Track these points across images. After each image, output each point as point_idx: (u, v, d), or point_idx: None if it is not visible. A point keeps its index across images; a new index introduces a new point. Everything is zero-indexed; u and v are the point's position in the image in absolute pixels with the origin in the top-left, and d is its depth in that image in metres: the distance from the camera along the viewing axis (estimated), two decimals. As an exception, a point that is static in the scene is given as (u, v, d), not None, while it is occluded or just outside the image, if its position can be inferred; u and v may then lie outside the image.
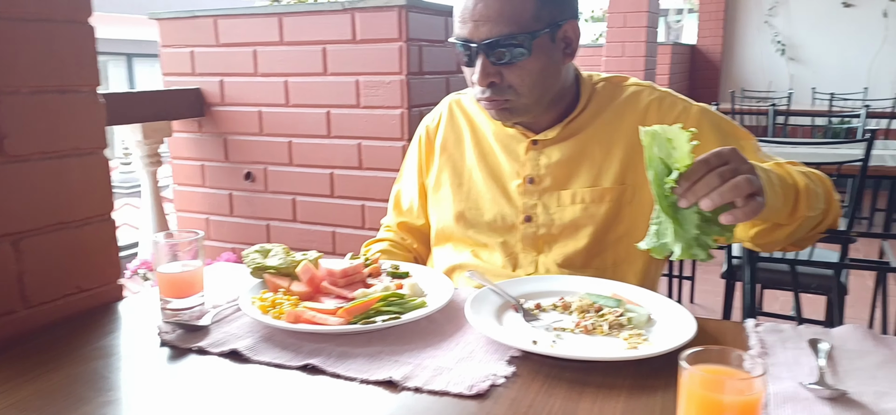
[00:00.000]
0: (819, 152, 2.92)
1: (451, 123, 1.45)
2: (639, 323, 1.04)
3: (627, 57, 4.93)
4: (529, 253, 1.33)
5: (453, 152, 1.43)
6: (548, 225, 1.31)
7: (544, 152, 1.32)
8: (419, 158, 1.50)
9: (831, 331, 1.02)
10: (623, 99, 1.32)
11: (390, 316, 1.02)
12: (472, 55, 1.21)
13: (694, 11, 8.45)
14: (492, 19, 1.17)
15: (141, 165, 2.82)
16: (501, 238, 1.34)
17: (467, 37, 1.20)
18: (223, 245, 2.91)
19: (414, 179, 1.52)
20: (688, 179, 0.91)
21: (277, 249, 1.19)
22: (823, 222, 1.21)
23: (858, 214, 5.52)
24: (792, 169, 1.16)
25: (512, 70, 1.20)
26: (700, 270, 4.24)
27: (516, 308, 1.09)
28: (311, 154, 2.65)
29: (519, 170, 1.33)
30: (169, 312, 1.13)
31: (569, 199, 1.30)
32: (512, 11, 1.17)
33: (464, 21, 1.20)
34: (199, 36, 2.76)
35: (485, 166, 1.38)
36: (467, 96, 1.46)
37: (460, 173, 1.41)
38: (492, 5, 1.17)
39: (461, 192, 1.40)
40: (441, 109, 1.49)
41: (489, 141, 1.39)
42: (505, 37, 1.17)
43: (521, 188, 1.33)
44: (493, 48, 1.18)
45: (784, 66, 7.82)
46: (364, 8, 2.44)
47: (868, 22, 7.35)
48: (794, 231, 1.15)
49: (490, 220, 1.35)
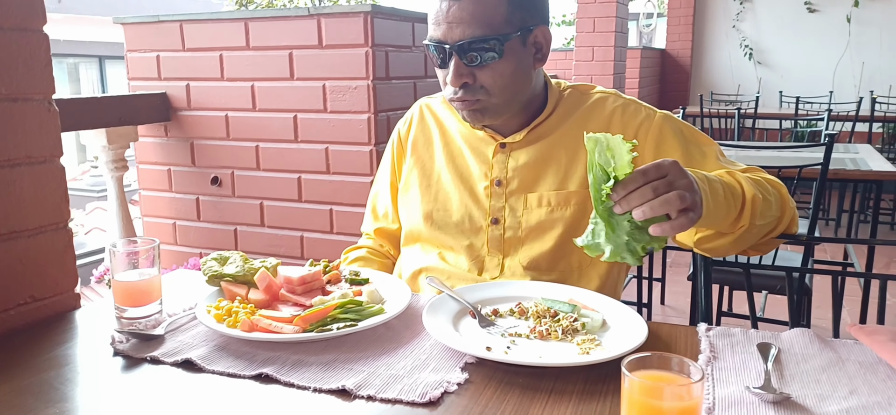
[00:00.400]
0: (781, 156, 2.97)
1: (421, 126, 1.47)
2: (593, 328, 1.05)
3: (597, 61, 4.97)
4: (495, 256, 1.34)
5: (423, 154, 1.45)
6: (514, 227, 1.33)
7: (512, 155, 1.34)
8: (392, 163, 1.52)
9: (780, 335, 1.04)
10: (588, 105, 1.35)
11: (346, 324, 1.02)
12: (445, 56, 1.24)
13: (664, 15, 8.55)
14: (465, 22, 1.20)
15: (106, 171, 2.78)
16: (468, 240, 1.36)
17: (441, 38, 1.23)
18: (190, 250, 2.88)
19: (388, 184, 1.54)
20: (624, 187, 0.94)
21: (235, 257, 1.18)
22: (777, 229, 1.24)
23: (825, 216, 5.65)
24: (743, 178, 1.18)
25: (484, 71, 1.23)
26: (670, 271, 4.29)
27: (473, 314, 1.10)
28: (279, 159, 2.64)
29: (487, 172, 1.35)
30: (125, 321, 1.13)
31: (535, 201, 1.32)
32: (484, 14, 1.20)
33: (437, 23, 1.23)
34: (165, 40, 2.73)
35: (453, 168, 1.39)
36: (437, 100, 1.49)
37: (429, 174, 1.43)
38: (465, 8, 1.20)
39: (429, 193, 1.41)
40: (412, 112, 1.52)
41: (458, 143, 1.41)
42: (477, 39, 1.20)
43: (489, 190, 1.35)
44: (465, 50, 1.21)
45: (752, 70, 7.95)
46: (330, 14, 2.44)
47: (832, 27, 7.51)
48: (739, 239, 1.17)
49: (457, 221, 1.37)
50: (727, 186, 1.12)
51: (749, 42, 7.90)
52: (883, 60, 7.37)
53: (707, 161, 1.28)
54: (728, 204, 1.11)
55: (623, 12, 5.07)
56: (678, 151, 1.28)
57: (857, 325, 1.00)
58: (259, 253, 2.73)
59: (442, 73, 1.28)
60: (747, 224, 1.14)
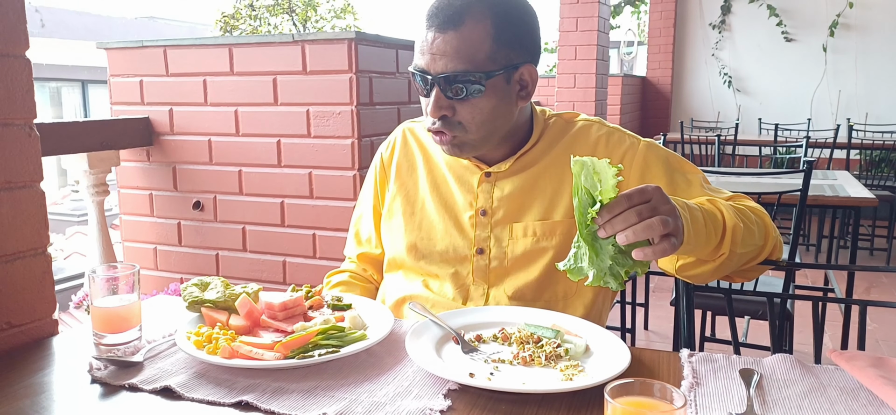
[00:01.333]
0: (761, 182, 3.01)
1: (404, 151, 1.47)
2: (576, 354, 1.05)
3: (579, 88, 5.02)
4: (480, 285, 1.34)
5: (406, 180, 1.44)
6: (500, 258, 1.32)
7: (497, 185, 1.34)
8: (375, 187, 1.51)
9: (762, 361, 1.05)
10: (573, 133, 1.35)
11: (328, 350, 1.01)
12: (427, 86, 1.24)
13: (644, 44, 8.67)
14: (448, 55, 1.20)
15: (87, 195, 2.75)
16: (452, 269, 1.35)
17: (425, 68, 1.23)
18: (171, 275, 2.85)
19: (371, 208, 1.52)
20: (609, 211, 0.95)
21: (216, 283, 1.17)
22: (759, 256, 1.25)
23: (806, 241, 5.72)
24: (725, 206, 1.19)
25: (464, 106, 1.23)
26: (654, 296, 4.31)
27: (457, 340, 1.10)
28: (262, 183, 2.63)
29: (472, 201, 1.35)
30: (103, 347, 1.11)
31: (521, 231, 1.31)
32: (468, 50, 1.20)
33: (423, 52, 1.23)
34: (149, 66, 2.73)
35: (437, 196, 1.39)
36: (421, 125, 1.48)
37: (413, 202, 1.42)
38: (450, 42, 1.20)
39: (413, 221, 1.40)
40: (395, 135, 1.50)
41: (442, 171, 1.40)
42: (459, 73, 1.20)
43: (474, 220, 1.34)
44: (447, 82, 1.21)
45: (732, 98, 8.07)
46: (314, 40, 2.45)
47: (809, 56, 7.65)
48: (720, 267, 1.18)
49: (442, 250, 1.36)
50: (708, 214, 1.13)
51: (728, 70, 8.03)
52: (859, 88, 7.52)
53: (691, 189, 1.29)
54: (708, 232, 1.12)
55: (604, 41, 5.13)
56: (663, 178, 1.29)
57: (837, 350, 1.01)
58: (241, 278, 2.71)
59: (424, 102, 1.28)
60: (728, 253, 1.15)
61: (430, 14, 1.23)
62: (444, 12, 1.21)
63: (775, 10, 7.68)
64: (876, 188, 5.42)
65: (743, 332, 3.51)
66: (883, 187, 5.46)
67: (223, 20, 10.40)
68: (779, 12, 7.68)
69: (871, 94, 7.48)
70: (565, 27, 5.03)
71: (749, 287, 2.48)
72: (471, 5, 1.21)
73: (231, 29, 10.35)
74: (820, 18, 7.55)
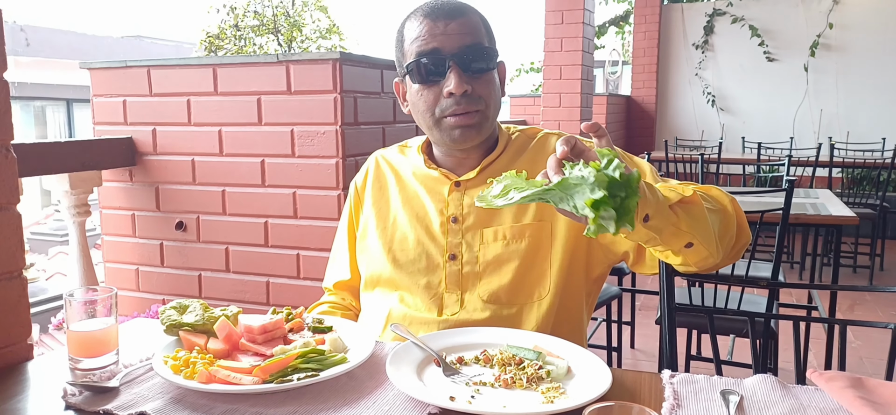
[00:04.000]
0: (743, 201, 3.03)
1: (376, 175, 1.51)
2: (558, 376, 1.05)
3: (564, 107, 5.05)
4: (454, 292, 1.35)
5: (379, 200, 1.48)
6: (472, 262, 1.35)
7: (467, 193, 1.38)
8: (350, 215, 1.55)
9: (743, 381, 1.05)
10: (535, 146, 1.42)
11: (308, 374, 1.00)
12: (442, 68, 1.28)
13: (628, 63, 8.75)
14: (464, 33, 1.28)
15: (68, 215, 2.73)
16: (425, 279, 1.37)
17: (437, 48, 1.28)
18: (153, 297, 2.82)
19: (346, 237, 1.55)
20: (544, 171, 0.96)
21: (195, 305, 1.16)
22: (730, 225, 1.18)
23: (790, 259, 5.76)
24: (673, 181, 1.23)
25: (480, 81, 1.30)
26: (640, 314, 4.32)
27: (438, 363, 1.09)
28: (246, 203, 2.62)
29: (442, 209, 1.38)
30: (79, 372, 1.09)
31: (491, 236, 1.35)
32: (475, 29, 1.30)
33: (430, 37, 1.28)
34: (132, 86, 2.71)
35: (409, 208, 1.42)
36: (391, 150, 1.54)
37: (385, 218, 1.45)
38: (463, 23, 1.28)
39: (386, 234, 1.43)
40: (368, 165, 1.55)
41: (413, 186, 1.44)
42: (478, 46, 1.29)
43: (445, 227, 1.37)
44: (467, 57, 1.28)
45: (715, 117, 8.15)
46: (299, 60, 2.45)
47: (790, 75, 7.75)
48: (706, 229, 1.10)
49: (414, 258, 1.38)
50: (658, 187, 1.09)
51: (712, 89, 8.11)
52: (840, 108, 7.62)
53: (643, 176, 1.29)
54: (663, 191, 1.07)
55: (589, 61, 5.18)
56: None
57: (816, 371, 1.01)
58: (224, 299, 2.69)
59: (430, 92, 1.31)
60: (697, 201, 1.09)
61: (429, 10, 1.30)
62: (447, 6, 1.30)
63: (757, 31, 7.79)
64: (858, 206, 5.48)
65: (728, 350, 3.52)
66: (865, 205, 5.52)
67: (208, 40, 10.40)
68: (761, 32, 7.79)
69: (851, 114, 7.58)
70: (550, 47, 5.07)
71: (732, 306, 2.49)
72: (465, 4, 1.33)
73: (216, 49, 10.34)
74: (801, 39, 7.66)
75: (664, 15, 8.27)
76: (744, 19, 7.87)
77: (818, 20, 7.57)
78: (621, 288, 2.98)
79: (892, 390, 0.96)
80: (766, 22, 7.78)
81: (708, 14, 8.05)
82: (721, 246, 1.16)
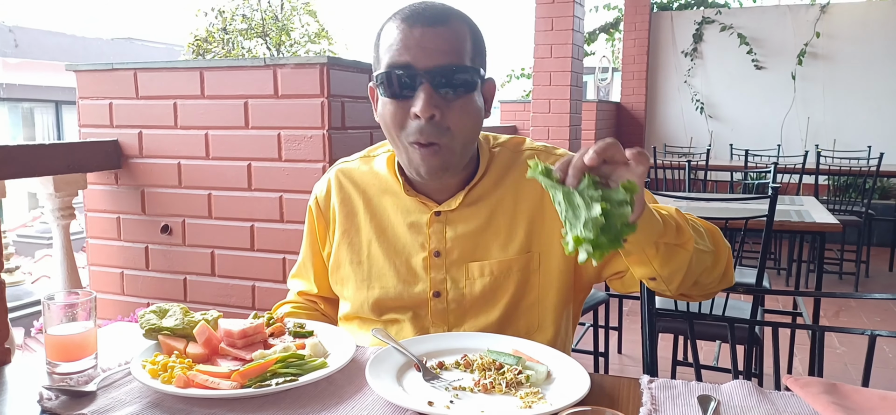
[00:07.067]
0: (729, 207, 3.05)
1: (340, 196, 1.37)
2: (537, 381, 1.05)
3: (553, 113, 5.07)
4: (440, 328, 1.29)
5: (348, 228, 1.35)
6: (458, 299, 1.27)
7: (449, 224, 1.27)
8: (314, 232, 1.43)
9: (721, 387, 1.06)
10: (521, 163, 1.30)
11: (287, 378, 1.00)
12: (411, 84, 1.13)
13: (618, 70, 8.80)
14: (441, 49, 1.13)
15: (52, 218, 2.71)
16: (410, 312, 1.30)
17: (409, 62, 1.13)
18: (138, 300, 2.81)
19: (310, 252, 1.46)
20: (564, 162, 0.93)
21: (175, 309, 1.16)
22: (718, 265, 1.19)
23: (776, 265, 5.80)
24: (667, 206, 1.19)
25: (454, 106, 1.15)
26: (627, 320, 4.33)
27: (418, 367, 1.09)
28: (232, 207, 2.61)
29: (423, 242, 1.28)
30: (56, 376, 1.08)
31: (478, 271, 1.26)
32: (458, 46, 1.15)
33: (404, 48, 1.13)
34: (119, 88, 2.70)
35: (384, 241, 1.31)
36: (354, 162, 1.39)
37: (358, 251, 1.33)
38: (441, 35, 1.13)
39: (361, 271, 1.33)
40: (328, 177, 1.41)
41: (386, 213, 1.32)
42: (453, 67, 1.13)
43: (428, 262, 1.28)
44: (440, 76, 1.13)
45: (704, 123, 8.20)
46: (286, 64, 2.45)
47: (778, 83, 7.82)
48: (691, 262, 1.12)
49: (395, 296, 1.29)
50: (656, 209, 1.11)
51: (700, 96, 8.16)
52: (826, 116, 7.68)
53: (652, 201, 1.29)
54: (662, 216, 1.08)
55: (578, 67, 5.20)
56: None
57: (792, 377, 1.02)
58: (209, 303, 2.68)
59: (398, 107, 1.16)
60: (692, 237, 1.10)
61: (409, 14, 1.15)
62: (429, 11, 1.15)
63: (745, 39, 7.85)
64: (844, 213, 5.52)
65: (714, 355, 3.54)
66: (851, 212, 5.56)
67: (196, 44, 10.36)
68: (749, 41, 7.85)
69: (838, 122, 7.65)
70: (540, 53, 5.08)
71: (717, 311, 2.50)
72: (451, 10, 1.17)
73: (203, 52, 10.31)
74: (788, 47, 7.73)
75: (654, 22, 8.33)
76: (732, 27, 7.93)
77: (805, 29, 7.64)
78: (608, 293, 2.99)
79: (865, 396, 0.97)
80: (755, 30, 7.85)
81: (697, 22, 8.10)
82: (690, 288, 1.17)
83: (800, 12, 7.68)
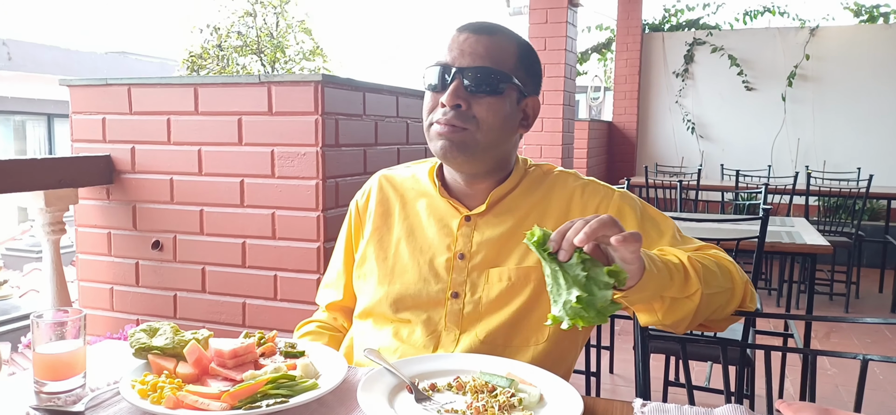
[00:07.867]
0: (720, 228, 3.06)
1: (380, 197, 1.45)
2: (530, 404, 1.05)
3: (546, 132, 5.09)
4: (452, 331, 1.31)
5: (380, 226, 1.42)
6: (475, 302, 1.31)
7: (477, 229, 1.33)
8: (349, 235, 1.50)
9: (714, 411, 1.05)
10: (550, 182, 1.37)
11: (277, 400, 0.99)
12: (446, 79, 1.26)
13: (610, 89, 8.86)
14: (478, 54, 1.25)
15: (42, 233, 2.69)
16: (425, 314, 1.33)
17: (447, 62, 1.26)
18: (127, 317, 2.79)
19: (342, 257, 1.51)
20: (560, 231, 0.98)
21: (165, 328, 1.15)
22: (732, 302, 1.24)
23: (768, 286, 5.81)
24: (681, 251, 1.19)
25: (480, 102, 1.25)
26: (619, 339, 4.33)
27: (410, 389, 1.08)
28: (224, 223, 2.60)
29: (450, 244, 1.34)
30: (44, 395, 1.07)
31: (497, 276, 1.31)
32: (497, 54, 1.26)
33: (449, 49, 1.27)
34: (112, 104, 2.70)
35: (412, 240, 1.37)
36: (398, 171, 1.48)
37: (386, 247, 1.39)
38: (482, 42, 1.26)
39: (386, 266, 1.38)
40: (370, 184, 1.50)
41: (419, 216, 1.39)
42: (483, 69, 1.24)
43: (451, 263, 1.33)
44: (471, 75, 1.24)
45: (695, 144, 8.25)
46: (281, 82, 2.45)
47: (769, 104, 7.89)
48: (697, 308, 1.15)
49: (414, 294, 1.34)
50: (662, 257, 1.13)
51: (692, 117, 8.22)
52: (816, 137, 7.75)
53: (663, 239, 1.30)
54: (670, 270, 1.11)
55: (571, 87, 5.23)
56: (634, 227, 1.30)
57: (784, 401, 1.02)
58: (199, 320, 2.66)
59: (432, 98, 1.28)
60: (700, 288, 1.13)
61: (464, 25, 1.29)
62: (481, 23, 1.28)
63: (736, 60, 7.93)
64: (834, 234, 5.55)
65: (705, 376, 3.53)
66: (841, 233, 5.59)
67: (190, 60, 10.37)
68: (740, 62, 7.93)
69: (827, 143, 7.72)
70: (533, 72, 5.11)
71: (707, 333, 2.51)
72: (502, 28, 1.30)
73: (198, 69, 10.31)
74: (779, 69, 7.81)
75: (645, 43, 8.40)
76: (723, 49, 8.01)
77: (795, 51, 7.72)
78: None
79: (858, 422, 0.96)
80: (745, 52, 7.93)
81: (688, 43, 8.18)
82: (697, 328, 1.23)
83: (789, 35, 7.77)
